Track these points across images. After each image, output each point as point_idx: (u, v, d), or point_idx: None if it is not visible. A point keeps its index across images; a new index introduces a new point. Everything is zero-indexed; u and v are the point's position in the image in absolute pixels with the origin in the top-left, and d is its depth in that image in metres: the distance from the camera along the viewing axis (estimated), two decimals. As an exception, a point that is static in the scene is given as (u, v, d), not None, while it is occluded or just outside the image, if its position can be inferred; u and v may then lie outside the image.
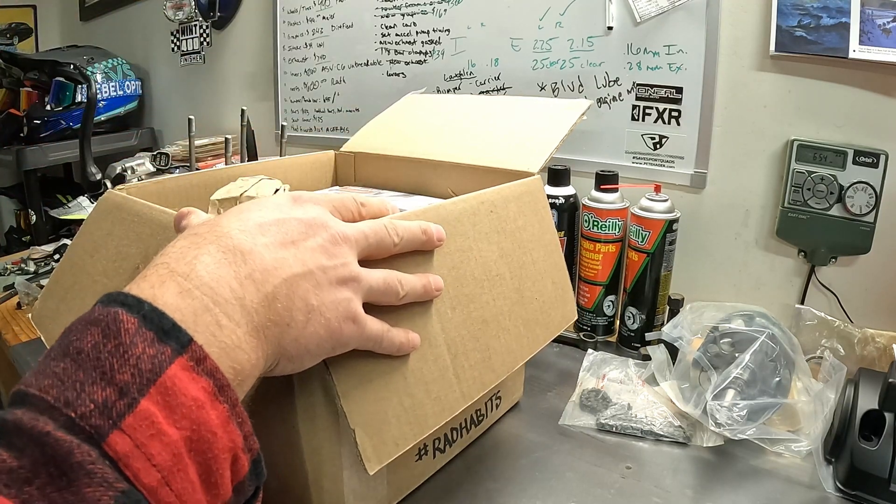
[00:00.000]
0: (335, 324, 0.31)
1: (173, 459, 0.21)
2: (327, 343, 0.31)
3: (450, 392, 0.41)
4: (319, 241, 0.31)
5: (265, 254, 0.28)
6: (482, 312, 0.44)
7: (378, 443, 0.36)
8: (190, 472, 0.22)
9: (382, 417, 0.37)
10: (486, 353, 0.44)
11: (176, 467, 0.21)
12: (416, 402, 0.39)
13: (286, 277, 0.28)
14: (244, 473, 0.25)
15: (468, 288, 0.44)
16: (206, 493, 0.23)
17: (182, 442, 0.22)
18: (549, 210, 0.57)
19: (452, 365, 0.41)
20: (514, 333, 0.47)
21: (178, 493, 0.21)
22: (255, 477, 0.26)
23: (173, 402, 0.22)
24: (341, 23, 1.27)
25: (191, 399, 0.22)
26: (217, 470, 0.23)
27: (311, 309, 0.29)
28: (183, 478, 0.22)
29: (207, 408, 0.23)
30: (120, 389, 0.21)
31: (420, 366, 0.39)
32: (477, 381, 0.43)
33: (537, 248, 0.52)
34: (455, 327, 0.42)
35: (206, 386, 0.23)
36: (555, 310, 0.53)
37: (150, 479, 0.20)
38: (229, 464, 0.24)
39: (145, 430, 0.21)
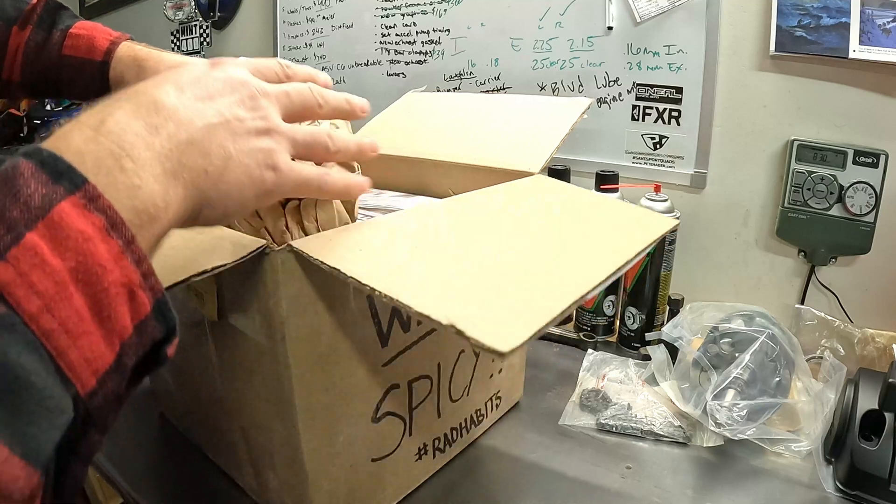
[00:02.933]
0: (256, 171, 0.31)
1: (56, 288, 0.21)
2: (249, 190, 0.31)
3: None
4: (238, 97, 0.31)
5: (179, 106, 0.28)
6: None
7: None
8: (75, 301, 0.21)
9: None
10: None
11: (59, 296, 0.21)
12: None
13: (201, 126, 0.29)
14: (146, 312, 0.24)
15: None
16: (97, 325, 0.22)
17: (67, 272, 0.21)
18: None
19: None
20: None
21: (61, 320, 0.21)
22: (161, 318, 0.25)
23: (60, 235, 0.22)
24: (341, 23, 1.27)
25: (77, 232, 0.22)
26: (109, 304, 0.23)
27: (229, 156, 0.30)
28: (67, 306, 0.21)
29: (96, 241, 0.22)
30: (8, 226, 0.21)
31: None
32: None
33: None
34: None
35: (97, 222, 0.23)
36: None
37: (31, 305, 0.20)
38: (125, 299, 0.23)
39: (29, 260, 0.21)
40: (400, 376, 0.47)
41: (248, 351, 0.42)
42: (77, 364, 0.21)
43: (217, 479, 0.54)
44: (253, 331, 0.40)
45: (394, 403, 0.47)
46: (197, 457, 0.57)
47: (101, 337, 0.22)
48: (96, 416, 0.23)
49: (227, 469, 0.54)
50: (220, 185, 0.29)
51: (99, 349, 0.22)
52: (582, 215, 0.48)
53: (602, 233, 0.45)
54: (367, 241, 0.37)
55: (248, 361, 0.43)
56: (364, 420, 0.45)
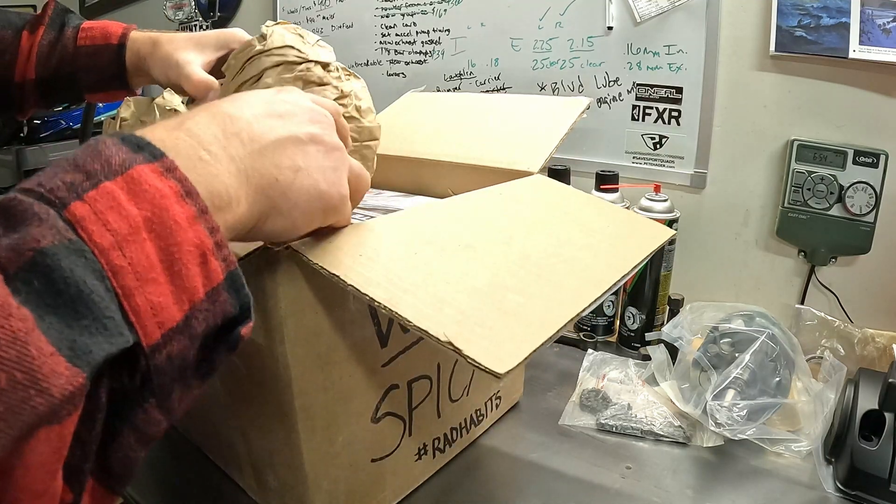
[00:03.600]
0: (323, 185, 0.32)
1: (129, 230, 0.21)
2: (317, 202, 0.32)
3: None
4: (306, 116, 0.33)
5: (253, 121, 0.29)
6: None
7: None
8: (147, 247, 0.22)
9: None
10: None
11: (131, 237, 0.21)
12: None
13: (273, 139, 0.30)
14: (218, 280, 0.24)
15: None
16: (167, 277, 0.22)
17: (141, 219, 0.22)
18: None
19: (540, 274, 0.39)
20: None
21: (131, 260, 0.21)
22: (234, 292, 0.25)
23: (137, 188, 0.22)
24: (341, 23, 1.27)
25: (154, 188, 0.23)
26: (181, 259, 0.23)
27: (299, 168, 0.31)
28: (138, 249, 0.21)
29: (171, 201, 0.23)
30: (87, 175, 0.22)
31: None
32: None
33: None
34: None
35: (173, 186, 0.23)
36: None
37: (103, 240, 0.21)
38: (197, 261, 0.23)
39: (105, 202, 0.21)
40: (399, 376, 0.47)
41: (248, 351, 0.42)
42: (143, 310, 0.21)
43: (217, 480, 0.54)
44: (252, 331, 0.40)
45: (393, 403, 0.47)
46: (197, 457, 0.57)
47: (169, 291, 0.22)
48: (157, 379, 0.22)
49: (227, 469, 0.54)
50: (289, 195, 0.30)
51: (167, 301, 0.22)
52: (579, 221, 0.48)
53: (599, 242, 0.45)
54: (366, 245, 0.37)
55: (248, 362, 0.43)
56: (364, 420, 0.45)
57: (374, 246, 0.37)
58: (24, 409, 0.16)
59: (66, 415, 0.18)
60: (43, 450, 0.17)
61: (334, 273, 0.34)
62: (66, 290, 0.19)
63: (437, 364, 0.51)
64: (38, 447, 0.17)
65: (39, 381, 0.17)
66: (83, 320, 0.19)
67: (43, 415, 0.17)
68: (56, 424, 0.18)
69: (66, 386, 0.18)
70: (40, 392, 0.17)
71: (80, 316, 0.19)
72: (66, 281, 0.19)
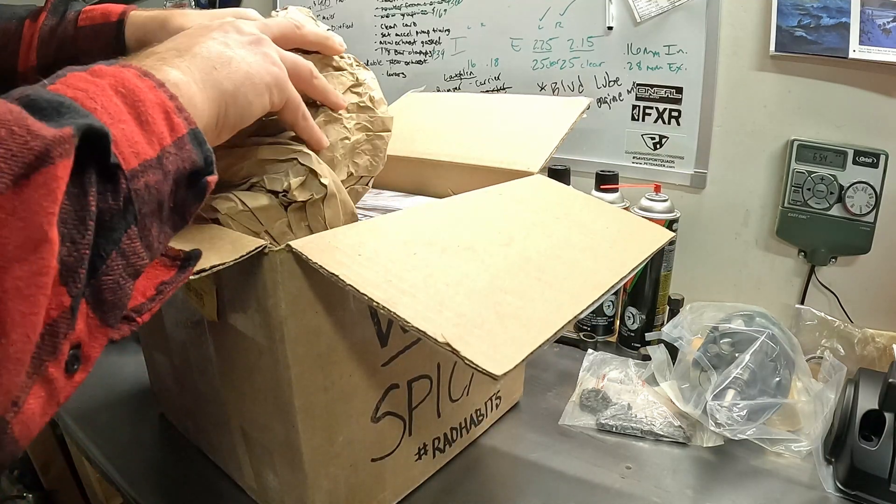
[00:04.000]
0: (258, 65, 0.37)
1: (96, 88, 0.25)
2: (259, 77, 0.36)
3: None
4: (231, 29, 0.37)
5: (181, 40, 0.35)
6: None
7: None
8: (115, 99, 0.25)
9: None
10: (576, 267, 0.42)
11: (99, 91, 0.25)
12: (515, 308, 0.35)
13: (200, 43, 0.34)
14: (182, 133, 0.28)
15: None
16: (137, 124, 0.26)
17: (107, 84, 0.25)
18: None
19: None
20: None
21: (102, 105, 0.24)
22: (197, 145, 0.29)
23: (98, 73, 0.26)
24: (341, 23, 1.27)
25: (115, 70, 0.27)
26: (146, 111, 0.26)
27: (231, 58, 0.35)
28: (106, 99, 0.25)
29: (131, 76, 0.27)
30: (57, 75, 0.25)
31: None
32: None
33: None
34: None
35: (131, 71, 0.27)
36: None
37: (75, 94, 0.24)
38: (161, 116, 0.27)
39: (72, 79, 0.25)
40: (399, 376, 0.47)
41: (248, 351, 0.42)
42: (119, 139, 0.24)
43: (217, 479, 0.54)
44: (252, 331, 0.40)
45: (393, 403, 0.47)
46: (197, 457, 0.57)
47: (140, 132, 0.25)
48: (137, 203, 0.25)
49: (227, 469, 0.54)
50: (231, 76, 0.34)
51: (139, 139, 0.25)
52: (579, 223, 0.48)
53: (599, 243, 0.45)
54: (366, 245, 0.37)
55: (248, 361, 0.43)
56: (364, 420, 0.45)
57: (374, 246, 0.37)
58: (22, 150, 0.19)
59: (58, 156, 0.20)
60: (40, 192, 0.20)
61: (333, 273, 0.34)
62: (48, 106, 0.21)
63: (437, 364, 0.51)
64: (36, 190, 0.19)
65: (34, 131, 0.20)
66: (67, 114, 0.22)
67: (38, 154, 0.19)
68: (50, 165, 0.20)
69: (56, 133, 0.20)
70: (35, 137, 0.19)
71: (63, 114, 0.22)
72: (48, 101, 0.22)
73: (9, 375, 0.19)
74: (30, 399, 0.20)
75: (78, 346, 0.23)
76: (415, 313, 0.31)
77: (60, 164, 0.20)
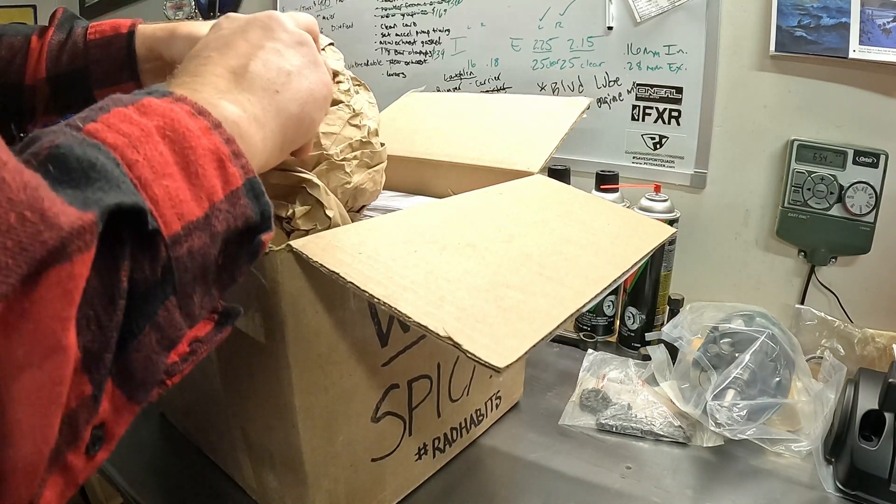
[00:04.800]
0: (315, 77, 0.34)
1: (141, 132, 0.22)
2: (319, 91, 0.34)
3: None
4: (259, 32, 0.33)
5: (224, 56, 0.31)
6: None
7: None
8: (160, 147, 0.22)
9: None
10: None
11: (144, 138, 0.22)
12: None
13: (253, 60, 0.31)
14: (237, 185, 0.25)
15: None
16: (184, 176, 0.23)
17: (153, 126, 0.22)
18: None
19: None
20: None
21: (146, 156, 0.21)
22: (254, 198, 0.25)
23: (146, 110, 0.23)
24: (341, 23, 1.27)
25: (164, 107, 0.23)
26: (196, 161, 0.23)
27: (289, 73, 0.32)
28: (152, 148, 0.22)
29: (183, 115, 0.24)
30: (101, 107, 0.23)
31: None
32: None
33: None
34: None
35: (184, 108, 0.24)
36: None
37: (116, 140, 0.21)
38: (214, 165, 0.24)
39: (116, 118, 0.22)
40: (399, 376, 0.47)
41: (248, 351, 0.42)
42: (161, 198, 0.21)
43: (217, 479, 0.54)
44: (253, 330, 0.40)
45: (393, 403, 0.47)
46: (197, 457, 0.57)
47: (187, 188, 0.22)
48: (178, 274, 0.22)
49: (227, 469, 0.54)
50: (297, 98, 0.32)
51: (185, 196, 0.22)
52: (580, 220, 0.48)
53: (600, 240, 0.45)
54: (366, 244, 0.37)
55: (248, 361, 0.43)
56: (364, 420, 0.45)
57: (374, 245, 0.37)
58: (34, 244, 0.16)
59: (75, 251, 0.17)
60: (53, 293, 0.17)
61: (334, 271, 0.34)
62: (79, 166, 0.19)
63: (438, 364, 0.51)
64: (49, 290, 0.17)
65: (49, 219, 0.17)
66: (96, 183, 0.19)
67: (52, 249, 0.17)
68: (66, 262, 0.17)
69: (75, 221, 0.17)
70: (49, 227, 0.17)
71: (93, 181, 0.19)
72: (78, 160, 0.19)
73: (20, 486, 0.18)
74: (46, 491, 0.19)
75: (101, 426, 0.21)
76: (416, 308, 0.31)
77: (78, 259, 0.18)
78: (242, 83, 0.29)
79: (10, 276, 0.16)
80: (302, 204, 0.41)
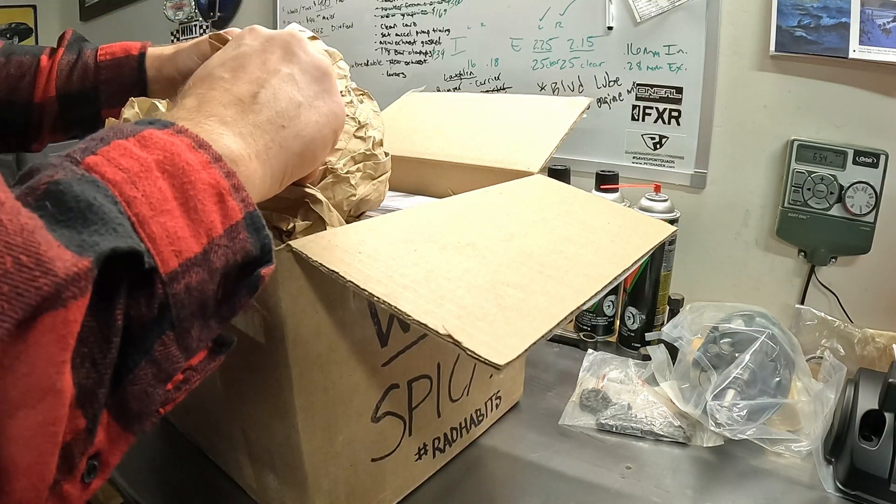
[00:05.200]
0: (327, 109, 0.33)
1: (141, 167, 0.22)
2: (327, 128, 0.33)
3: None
4: (278, 54, 0.33)
5: (234, 83, 0.30)
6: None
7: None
8: (159, 183, 0.22)
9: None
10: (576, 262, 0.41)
11: (143, 173, 0.22)
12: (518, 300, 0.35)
13: (263, 89, 0.30)
14: (237, 219, 0.25)
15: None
16: (182, 211, 0.23)
17: (153, 161, 0.22)
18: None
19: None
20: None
21: (144, 192, 0.21)
22: (254, 232, 0.25)
23: (147, 143, 0.23)
24: (341, 23, 1.27)
25: (165, 140, 0.23)
26: (195, 196, 0.23)
27: (299, 105, 0.31)
28: (150, 184, 0.22)
29: (183, 148, 0.24)
30: (102, 139, 0.23)
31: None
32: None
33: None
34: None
35: (185, 140, 0.24)
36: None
37: (115, 175, 0.21)
38: (213, 199, 0.24)
39: (116, 151, 0.22)
40: (399, 376, 0.47)
41: (248, 351, 0.42)
42: (158, 236, 0.21)
43: (217, 479, 0.54)
44: (253, 330, 0.40)
45: (393, 403, 0.47)
46: (197, 457, 0.57)
47: (185, 223, 0.22)
48: (175, 310, 0.22)
49: (227, 469, 0.54)
50: (302, 135, 0.31)
51: (183, 232, 0.22)
52: (580, 219, 0.48)
53: (600, 239, 0.45)
54: (366, 243, 0.37)
55: (248, 361, 0.43)
56: (364, 420, 0.45)
57: (374, 244, 0.37)
58: (29, 289, 0.16)
59: (70, 297, 0.18)
60: (48, 338, 0.17)
61: (334, 270, 0.34)
62: (76, 206, 0.19)
63: (437, 364, 0.51)
64: (44, 335, 0.17)
65: (44, 264, 0.17)
66: (93, 226, 0.19)
67: (47, 296, 0.17)
68: (61, 308, 0.17)
69: (70, 268, 0.17)
70: (45, 273, 0.17)
71: (90, 223, 0.19)
72: (76, 199, 0.19)
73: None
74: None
75: (97, 455, 0.21)
76: (416, 307, 0.31)
77: (73, 305, 0.18)
78: (248, 115, 0.29)
79: (5, 321, 0.16)
80: (303, 219, 0.41)
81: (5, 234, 0.17)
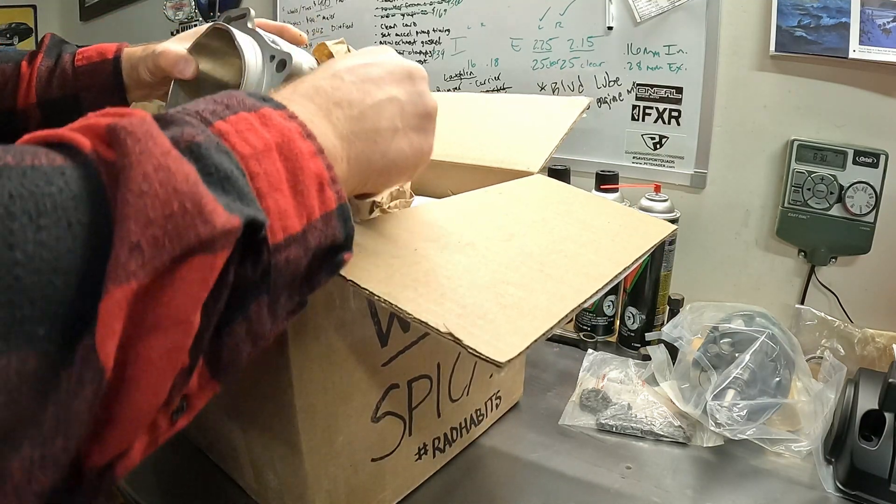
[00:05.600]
0: (417, 146, 0.35)
1: (264, 147, 0.25)
2: (412, 160, 0.35)
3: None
4: (399, 75, 0.35)
5: (353, 88, 0.32)
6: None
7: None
8: (277, 164, 0.25)
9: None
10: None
11: (265, 153, 0.25)
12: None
13: (372, 103, 0.32)
14: (332, 207, 0.27)
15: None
16: (291, 193, 0.25)
17: (273, 142, 0.25)
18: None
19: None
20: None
21: (265, 170, 0.24)
22: (342, 221, 0.28)
23: (267, 121, 0.26)
24: (341, 23, 1.27)
25: (281, 123, 0.26)
26: (303, 181, 0.26)
27: (395, 132, 0.33)
28: (270, 163, 0.24)
29: (296, 135, 0.26)
30: (227, 106, 0.25)
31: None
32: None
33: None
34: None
35: (296, 127, 0.27)
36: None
37: (244, 149, 0.24)
38: (315, 187, 0.26)
39: (243, 124, 0.25)
40: (399, 376, 0.47)
41: (248, 351, 0.42)
42: (272, 211, 0.24)
43: (217, 480, 0.54)
44: (252, 330, 0.40)
45: (393, 403, 0.47)
46: (197, 457, 0.57)
47: (292, 204, 0.25)
48: (274, 276, 0.24)
49: (227, 469, 0.54)
50: (387, 154, 0.33)
51: (289, 212, 0.25)
52: (580, 219, 0.48)
53: (600, 238, 0.45)
54: (366, 241, 0.37)
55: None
56: (364, 420, 0.45)
57: (374, 243, 0.37)
58: (189, 232, 0.19)
59: (220, 248, 0.20)
60: (194, 276, 0.20)
61: None
62: (216, 172, 0.22)
63: (437, 363, 0.51)
64: (191, 273, 0.20)
65: (205, 214, 0.20)
66: (231, 194, 0.22)
67: (203, 240, 0.20)
68: (210, 255, 0.20)
69: (225, 223, 0.20)
70: (204, 222, 0.20)
71: (228, 191, 0.22)
72: (216, 167, 0.22)
73: (126, 433, 0.20)
74: (135, 444, 0.21)
75: (186, 397, 0.23)
76: (416, 306, 0.31)
77: (221, 254, 0.20)
78: (352, 118, 0.31)
79: (163, 255, 0.19)
80: None
81: (174, 180, 0.19)
